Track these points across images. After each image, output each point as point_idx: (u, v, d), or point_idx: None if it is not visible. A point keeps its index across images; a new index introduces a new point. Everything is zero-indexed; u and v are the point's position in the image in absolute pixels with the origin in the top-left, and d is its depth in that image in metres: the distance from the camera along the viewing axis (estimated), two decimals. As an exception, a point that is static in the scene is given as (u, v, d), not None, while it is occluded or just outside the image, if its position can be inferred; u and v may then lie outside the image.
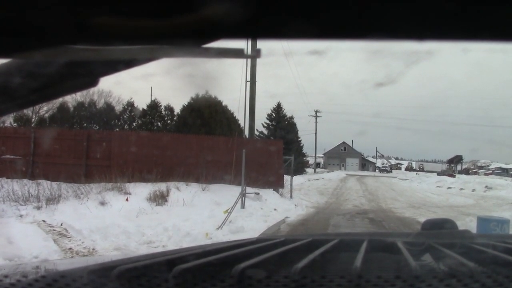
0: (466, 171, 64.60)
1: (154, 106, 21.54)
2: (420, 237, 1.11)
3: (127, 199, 9.83)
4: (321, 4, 0.42)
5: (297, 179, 23.24)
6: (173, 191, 11.01)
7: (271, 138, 28.14)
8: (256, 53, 0.59)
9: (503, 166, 66.77)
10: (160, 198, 10.33)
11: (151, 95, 24.72)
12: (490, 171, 61.38)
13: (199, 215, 9.20)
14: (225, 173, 12.96)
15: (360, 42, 0.45)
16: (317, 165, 58.80)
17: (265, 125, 32.73)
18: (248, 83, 16.32)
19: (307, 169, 44.27)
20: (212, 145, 14.04)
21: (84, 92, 21.33)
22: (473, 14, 0.42)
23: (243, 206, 10.24)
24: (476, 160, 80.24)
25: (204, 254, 0.81)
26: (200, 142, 14.16)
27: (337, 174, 45.92)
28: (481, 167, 72.97)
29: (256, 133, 30.31)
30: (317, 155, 55.99)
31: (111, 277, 0.67)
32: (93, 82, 0.62)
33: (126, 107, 23.17)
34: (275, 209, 11.15)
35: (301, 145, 37.05)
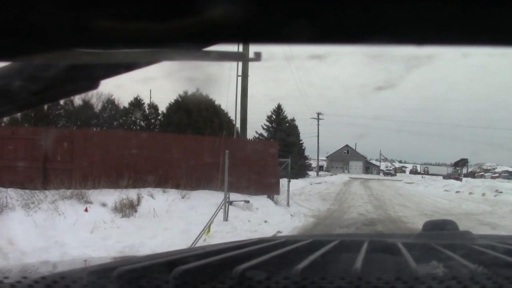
0: (472, 175, 63.48)
1: (136, 104, 19.67)
2: (420, 238, 1.13)
3: (86, 209, 8.16)
4: (321, 8, 0.41)
5: (299, 183, 22.06)
6: (146, 199, 9.32)
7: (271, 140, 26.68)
8: (256, 56, 0.57)
9: (510, 169, 65.49)
10: (128, 208, 8.62)
11: (150, 98, 23.22)
12: (497, 174, 60.15)
13: (169, 230, 7.55)
14: (210, 178, 11.30)
15: (360, 47, 0.45)
16: (320, 168, 57.85)
17: (265, 127, 31.64)
18: (240, 78, 14.69)
19: (310, 172, 43.27)
20: (197, 146, 12.31)
21: (83, 94, 20.35)
22: (473, 18, 0.42)
23: (226, 218, 8.50)
24: (482, 163, 79.51)
25: (205, 255, 0.81)
26: (182, 142, 12.36)
27: (340, 178, 44.53)
28: (487, 170, 72.30)
29: (256, 135, 29.08)
30: (320, 158, 54.71)
31: (111, 278, 0.66)
32: (94, 85, 0.63)
33: (106, 104, 21.21)
34: (265, 221, 9.35)
35: (303, 147, 36.12)
